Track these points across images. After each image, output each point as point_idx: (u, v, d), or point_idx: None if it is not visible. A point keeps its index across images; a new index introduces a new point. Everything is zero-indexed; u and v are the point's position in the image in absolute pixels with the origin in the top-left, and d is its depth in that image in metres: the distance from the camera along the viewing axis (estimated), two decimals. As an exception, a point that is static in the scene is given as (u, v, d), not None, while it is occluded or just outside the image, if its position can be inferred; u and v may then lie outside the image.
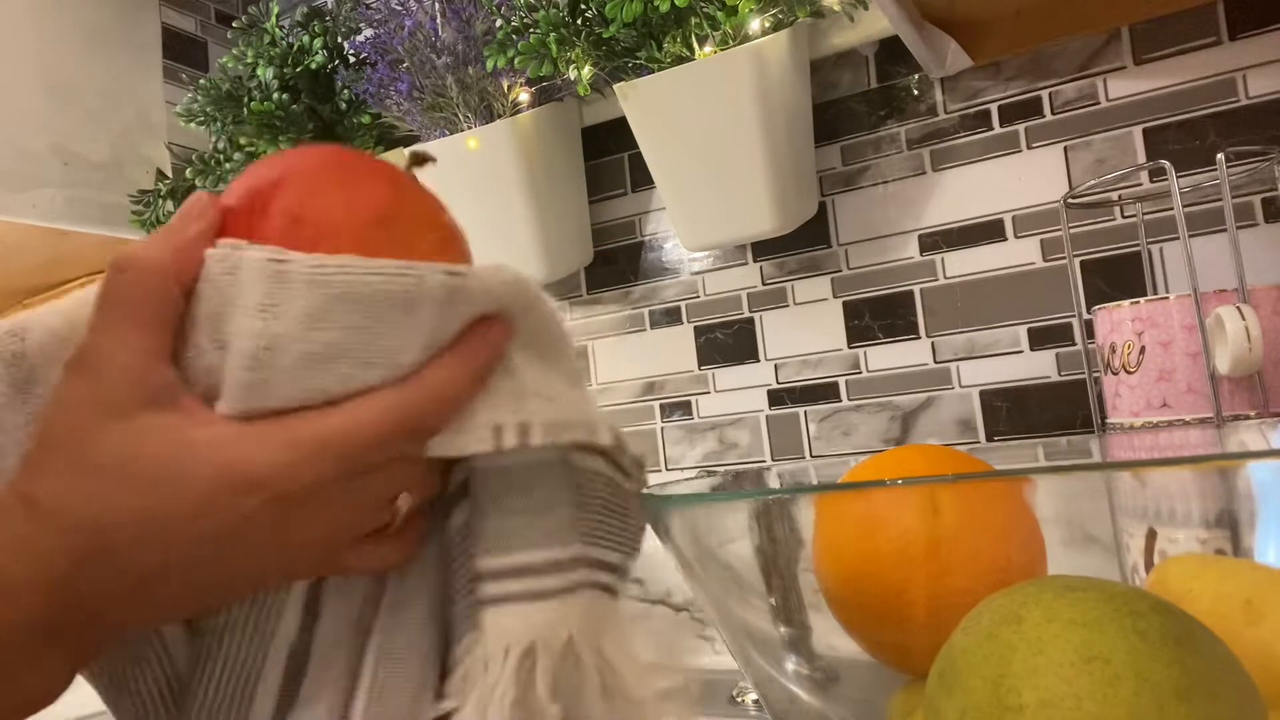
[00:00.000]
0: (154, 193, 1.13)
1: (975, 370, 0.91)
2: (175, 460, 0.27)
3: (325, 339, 0.28)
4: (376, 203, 0.31)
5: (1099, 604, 0.26)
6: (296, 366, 0.28)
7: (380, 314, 0.29)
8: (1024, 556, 0.33)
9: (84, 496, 0.26)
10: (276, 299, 0.28)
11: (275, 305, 0.28)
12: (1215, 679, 0.25)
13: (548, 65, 0.88)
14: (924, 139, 0.93)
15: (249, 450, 0.27)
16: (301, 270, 0.28)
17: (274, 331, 0.28)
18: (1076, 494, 0.32)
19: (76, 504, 0.26)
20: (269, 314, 0.28)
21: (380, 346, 0.29)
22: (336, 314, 0.28)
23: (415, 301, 0.29)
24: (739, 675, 0.94)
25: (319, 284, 0.28)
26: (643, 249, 1.08)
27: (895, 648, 0.35)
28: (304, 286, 0.28)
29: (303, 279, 0.28)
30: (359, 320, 0.28)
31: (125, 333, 0.28)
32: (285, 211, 0.30)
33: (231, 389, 0.28)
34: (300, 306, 0.28)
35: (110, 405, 0.27)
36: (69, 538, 0.26)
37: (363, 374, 0.29)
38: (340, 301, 0.28)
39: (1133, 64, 0.85)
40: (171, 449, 0.27)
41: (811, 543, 0.36)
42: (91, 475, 0.27)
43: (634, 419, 1.09)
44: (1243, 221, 0.80)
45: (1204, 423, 0.65)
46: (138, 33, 1.22)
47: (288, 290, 0.28)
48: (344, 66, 1.05)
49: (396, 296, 0.29)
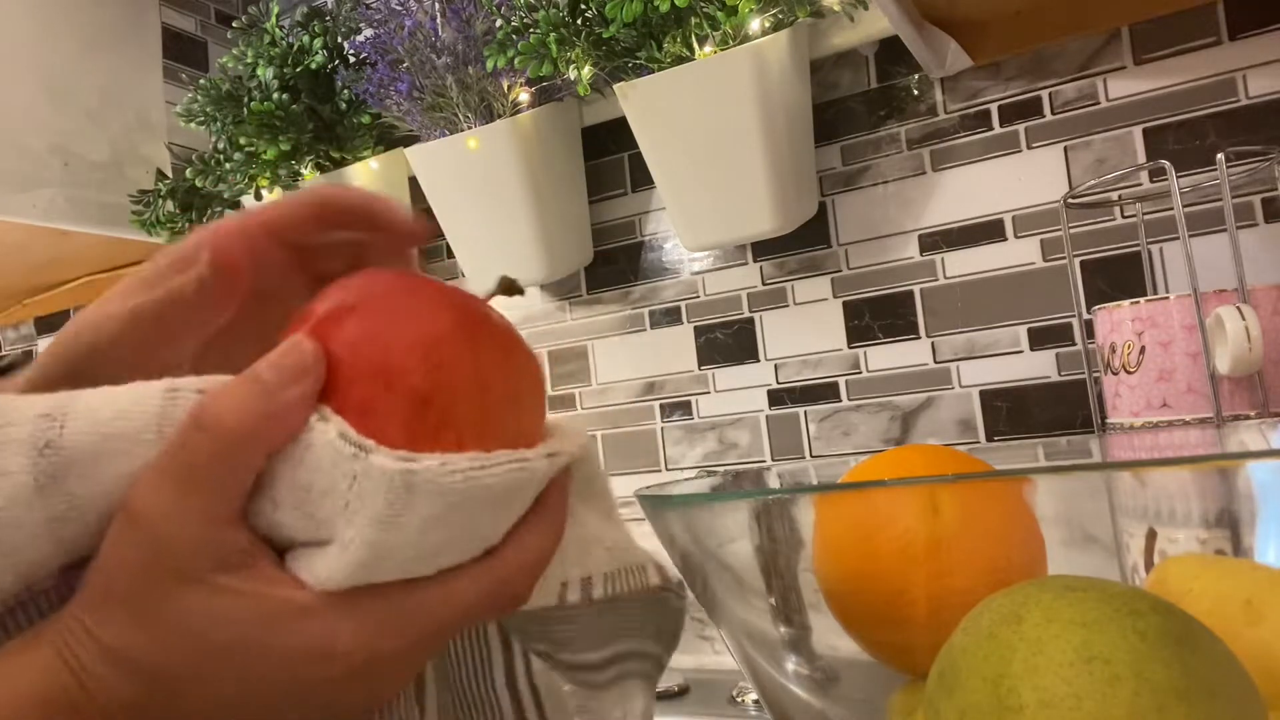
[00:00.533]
0: (154, 193, 1.13)
1: (975, 370, 0.91)
2: (256, 629, 0.26)
3: (435, 540, 0.27)
4: (503, 377, 0.29)
5: (1099, 604, 0.26)
6: (403, 564, 0.27)
7: (491, 510, 0.28)
8: (1024, 556, 0.33)
9: (153, 644, 0.26)
10: (399, 510, 0.26)
11: (398, 517, 0.26)
12: (1215, 679, 0.25)
13: (548, 65, 0.88)
14: (924, 139, 0.94)
15: (336, 624, 0.26)
16: (429, 479, 0.26)
17: (391, 543, 0.26)
18: (1076, 494, 0.32)
19: (145, 650, 0.26)
20: (390, 526, 0.26)
21: (483, 535, 0.28)
22: (452, 518, 0.27)
23: (524, 489, 0.28)
24: (739, 675, 0.94)
25: (443, 492, 0.26)
26: (643, 249, 1.08)
27: (895, 648, 0.35)
28: (427, 496, 0.26)
29: (429, 489, 0.26)
30: (469, 520, 0.27)
31: (194, 498, 0.25)
32: (413, 393, 0.27)
33: (328, 575, 0.26)
34: (421, 515, 0.26)
35: (177, 570, 0.25)
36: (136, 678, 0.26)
37: (459, 557, 0.28)
38: (457, 507, 0.27)
39: (1133, 64, 0.85)
40: (252, 617, 0.26)
41: (811, 543, 0.36)
42: (163, 629, 0.25)
43: (634, 419, 1.09)
44: (1243, 221, 0.80)
45: (1204, 423, 0.65)
46: (138, 33, 1.22)
47: (411, 499, 0.26)
48: (344, 66, 1.05)
49: (511, 491, 0.28)
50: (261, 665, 0.26)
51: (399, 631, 0.27)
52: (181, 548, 0.25)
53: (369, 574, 0.26)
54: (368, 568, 0.26)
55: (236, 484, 0.26)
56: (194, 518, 0.25)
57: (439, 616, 0.27)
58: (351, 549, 0.26)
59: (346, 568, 0.26)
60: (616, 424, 1.10)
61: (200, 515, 0.25)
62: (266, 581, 0.26)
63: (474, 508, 0.27)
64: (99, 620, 0.26)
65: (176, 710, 0.26)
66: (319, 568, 0.27)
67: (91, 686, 0.25)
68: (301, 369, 0.26)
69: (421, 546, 0.27)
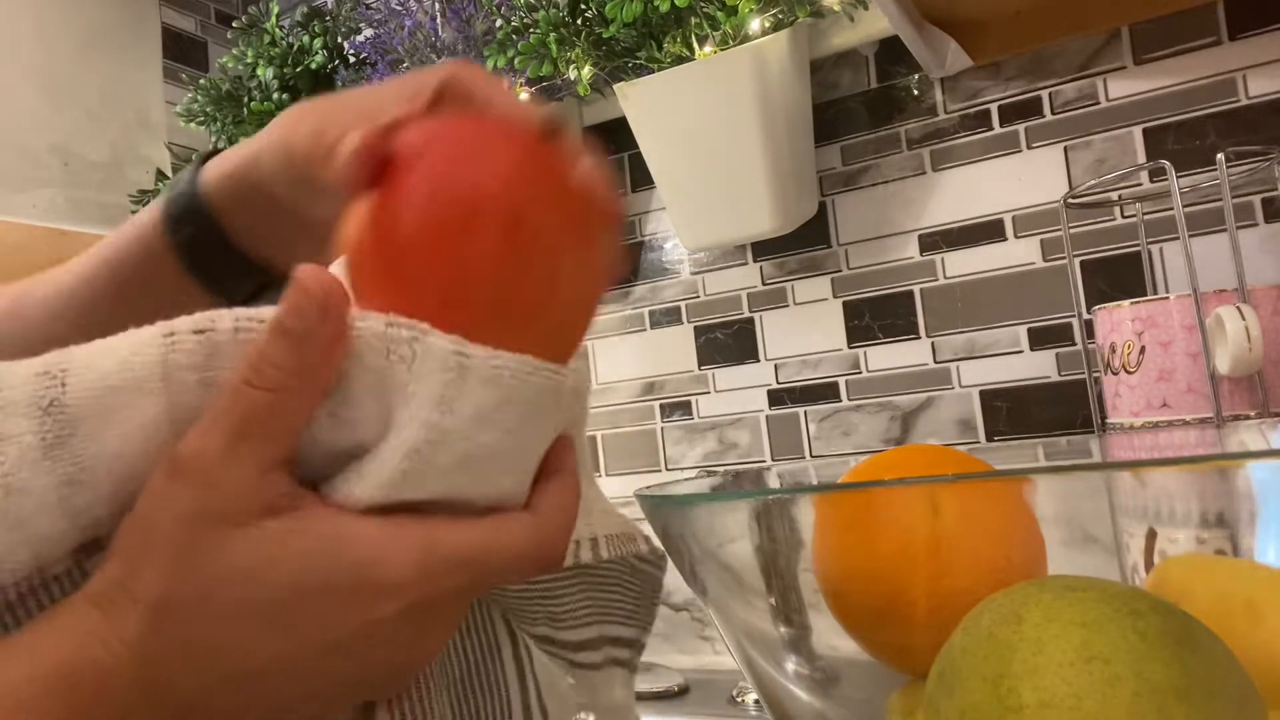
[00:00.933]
0: (154, 193, 1.13)
1: (975, 370, 0.91)
2: (313, 564, 0.25)
3: (486, 440, 0.26)
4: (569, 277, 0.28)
5: (1099, 604, 0.26)
6: (452, 465, 0.26)
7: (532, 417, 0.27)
8: (1024, 556, 0.33)
9: (198, 594, 0.25)
10: (454, 393, 0.26)
11: (453, 400, 0.26)
12: (1215, 679, 0.25)
13: (548, 65, 0.88)
14: (924, 139, 0.94)
15: (390, 552, 0.26)
16: (482, 367, 0.26)
17: (446, 427, 0.26)
18: (1076, 494, 0.32)
19: (186, 600, 0.25)
20: (446, 408, 0.26)
21: (523, 452, 0.28)
22: (501, 415, 0.26)
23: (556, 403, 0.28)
24: (739, 675, 0.94)
25: (493, 383, 0.26)
26: (643, 249, 1.08)
27: (895, 648, 0.35)
28: (480, 385, 0.26)
29: (481, 377, 0.26)
30: (515, 424, 0.27)
31: (247, 445, 0.25)
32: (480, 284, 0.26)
33: (377, 476, 0.26)
34: (474, 404, 0.26)
35: (225, 515, 0.25)
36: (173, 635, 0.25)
37: (499, 480, 0.28)
38: (506, 403, 0.26)
39: (1133, 64, 0.85)
40: (308, 552, 0.25)
41: (811, 543, 0.36)
42: (207, 575, 0.25)
43: (634, 419, 1.09)
44: (1243, 221, 0.80)
45: (1204, 423, 0.65)
46: (138, 33, 1.22)
47: (464, 384, 0.26)
48: (344, 66, 1.05)
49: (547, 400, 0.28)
50: (314, 609, 0.25)
51: (453, 567, 0.26)
52: (232, 492, 0.25)
53: (420, 470, 0.26)
54: (420, 459, 0.26)
55: (290, 431, 0.26)
56: (247, 462, 0.25)
57: (490, 561, 0.27)
58: (407, 431, 0.26)
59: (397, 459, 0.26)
60: (616, 424, 1.10)
61: (253, 460, 0.25)
62: (314, 516, 0.26)
63: (517, 411, 0.27)
64: (137, 574, 0.25)
65: (216, 671, 0.25)
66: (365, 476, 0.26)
67: (124, 653, 0.25)
68: (321, 308, 0.26)
69: (470, 446, 0.26)
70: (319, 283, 0.26)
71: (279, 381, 0.25)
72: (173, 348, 0.26)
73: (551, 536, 0.28)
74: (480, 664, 0.37)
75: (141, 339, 0.26)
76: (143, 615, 0.25)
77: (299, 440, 0.26)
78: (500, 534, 0.27)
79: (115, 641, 0.25)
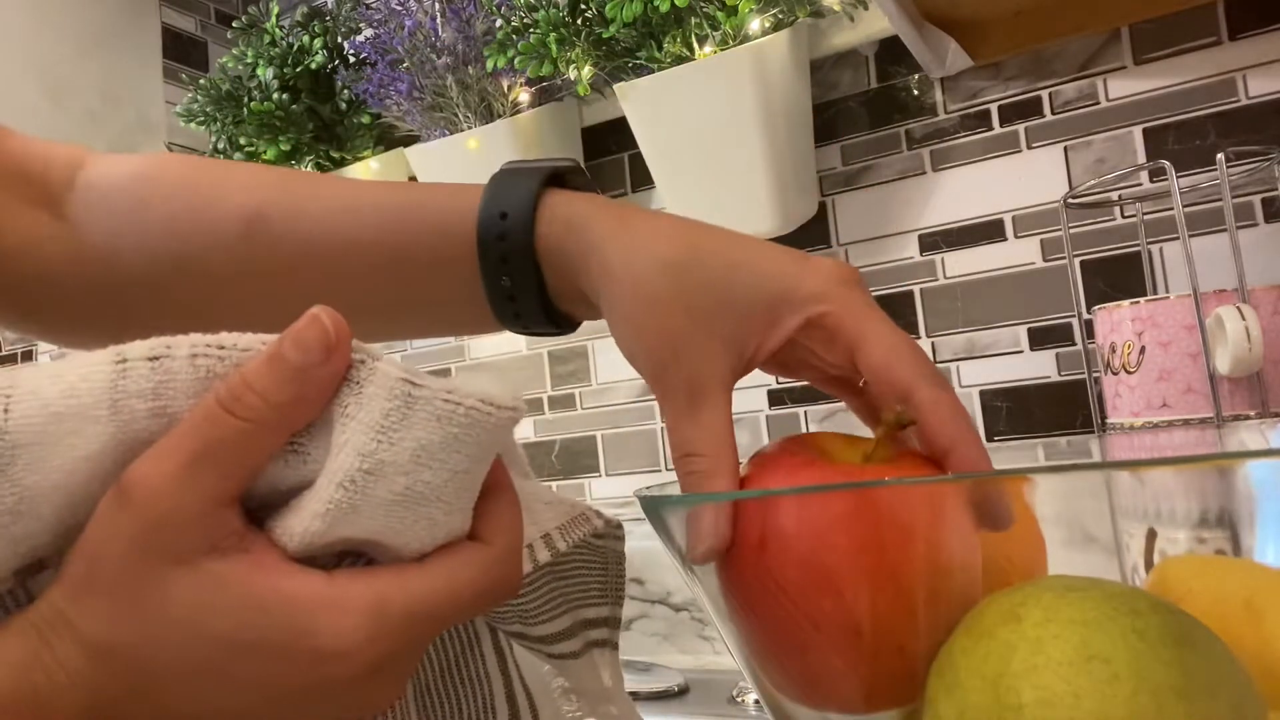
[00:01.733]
0: (154, 193, 1.13)
1: (975, 370, 0.91)
2: (250, 620, 0.24)
3: (430, 478, 0.25)
4: None
5: (1099, 604, 0.26)
6: (392, 501, 0.25)
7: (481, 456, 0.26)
8: (1024, 556, 0.32)
9: (137, 637, 0.24)
10: (394, 424, 0.24)
11: (393, 430, 0.24)
12: (1215, 679, 0.25)
13: (548, 65, 0.88)
14: (924, 139, 0.94)
15: (333, 619, 0.24)
16: (432, 401, 0.25)
17: (383, 458, 0.24)
18: (1076, 494, 0.32)
19: (129, 644, 0.24)
20: (385, 438, 0.24)
21: (469, 491, 0.27)
22: (449, 454, 0.25)
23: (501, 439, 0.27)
24: (739, 675, 0.94)
25: (445, 420, 0.25)
26: (643, 249, 1.08)
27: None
28: (428, 420, 0.25)
29: (431, 412, 0.25)
30: (464, 464, 0.26)
31: (203, 476, 0.24)
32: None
33: (311, 507, 0.25)
34: (417, 438, 0.25)
35: (169, 550, 0.24)
36: (118, 675, 0.24)
37: (445, 519, 0.26)
38: (456, 443, 0.25)
39: (1133, 64, 0.85)
40: (243, 606, 0.24)
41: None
42: (149, 619, 0.24)
43: (634, 419, 1.09)
44: (1243, 221, 0.80)
45: (1204, 423, 0.65)
46: (138, 33, 1.22)
47: (410, 418, 0.24)
48: (344, 66, 1.05)
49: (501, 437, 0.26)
50: (250, 666, 0.24)
51: (408, 625, 0.25)
52: (176, 525, 0.24)
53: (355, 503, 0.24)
54: (355, 491, 0.24)
55: (251, 466, 0.24)
56: (196, 494, 0.24)
57: (448, 610, 0.26)
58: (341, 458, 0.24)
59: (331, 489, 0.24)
60: (616, 424, 1.09)
61: (204, 493, 0.24)
62: (258, 566, 0.24)
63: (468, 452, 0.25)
64: (80, 609, 0.24)
65: (169, 713, 0.24)
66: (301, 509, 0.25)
67: (65, 683, 0.24)
68: (327, 345, 0.24)
69: (410, 482, 0.25)
70: (334, 321, 0.25)
71: (259, 414, 0.24)
72: (123, 374, 0.24)
73: (506, 564, 0.27)
74: (460, 656, 0.36)
75: (91, 363, 0.25)
76: (85, 651, 0.24)
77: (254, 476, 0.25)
78: (455, 578, 0.26)
79: (58, 670, 0.24)
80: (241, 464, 0.24)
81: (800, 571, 0.30)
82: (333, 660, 0.24)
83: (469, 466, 0.26)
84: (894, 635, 0.30)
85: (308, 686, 0.25)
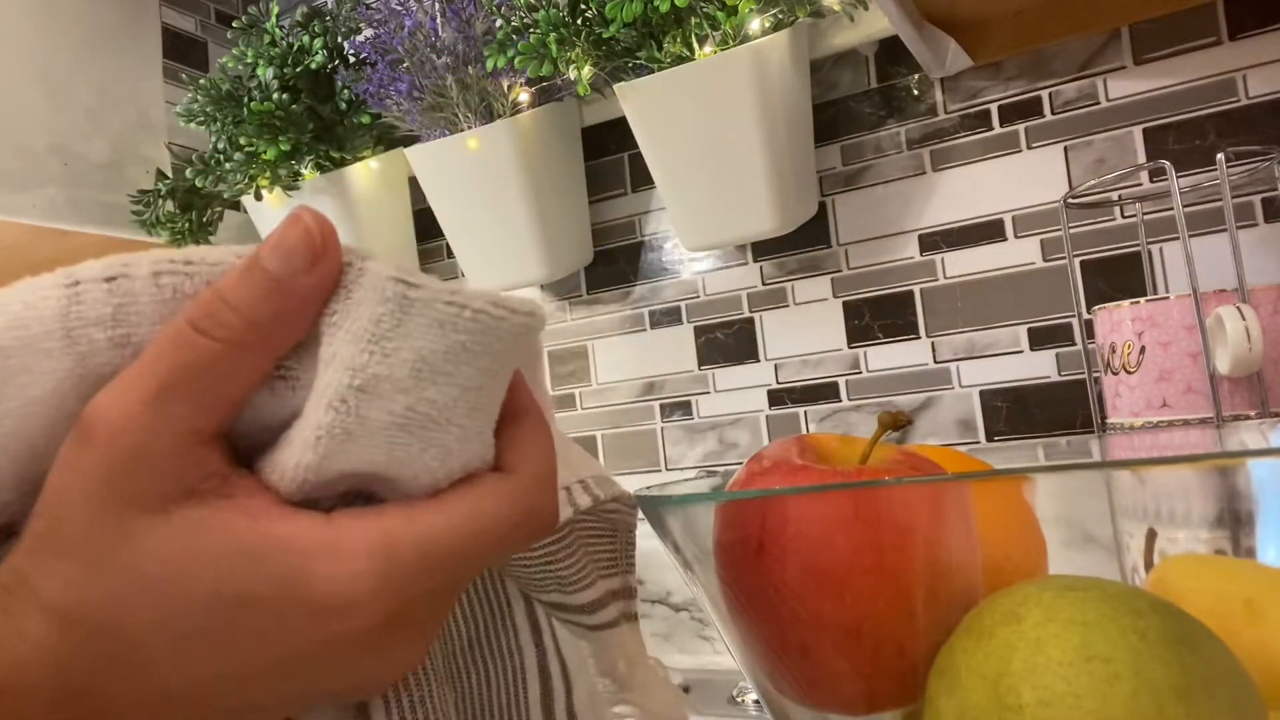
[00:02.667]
0: (154, 193, 1.13)
1: (975, 370, 0.91)
2: (236, 572, 0.20)
3: (428, 398, 0.21)
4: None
5: (1099, 604, 0.26)
6: (391, 425, 0.21)
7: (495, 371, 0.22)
8: (1024, 556, 0.33)
9: (107, 600, 0.20)
10: (387, 331, 0.21)
11: (387, 339, 0.21)
12: (1215, 679, 0.25)
13: (548, 65, 0.88)
14: (924, 139, 0.94)
15: (332, 566, 0.21)
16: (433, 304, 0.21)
17: (377, 373, 0.21)
18: (1076, 494, 0.32)
19: (97, 607, 0.20)
20: (377, 348, 0.21)
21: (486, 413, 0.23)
22: (455, 367, 0.21)
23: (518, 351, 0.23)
24: (739, 675, 0.94)
25: (446, 326, 0.21)
26: (643, 249, 1.08)
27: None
28: (428, 326, 0.21)
29: (431, 318, 0.21)
30: (475, 379, 0.22)
31: (174, 406, 0.20)
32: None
33: (301, 436, 0.21)
34: (416, 349, 0.21)
35: (138, 496, 0.20)
36: (89, 645, 0.20)
37: (459, 448, 0.22)
38: (463, 352, 0.21)
39: (1133, 64, 0.85)
40: (227, 556, 0.20)
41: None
42: (119, 578, 0.20)
43: (634, 419, 1.09)
44: (1243, 221, 0.80)
45: (1204, 423, 0.65)
46: (138, 33, 1.22)
47: (407, 324, 0.21)
48: (344, 66, 1.05)
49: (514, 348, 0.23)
50: (241, 625, 0.21)
51: (423, 569, 0.21)
52: (146, 466, 0.20)
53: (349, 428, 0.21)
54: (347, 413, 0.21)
55: (231, 396, 0.21)
56: (168, 430, 0.20)
57: (470, 548, 0.22)
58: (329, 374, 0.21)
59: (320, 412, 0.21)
60: (616, 424, 1.10)
61: (176, 427, 0.20)
62: (244, 511, 0.21)
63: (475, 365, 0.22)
64: (42, 570, 0.21)
65: (150, 687, 0.21)
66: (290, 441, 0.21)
67: (29, 658, 0.20)
68: (312, 250, 0.21)
69: (411, 402, 0.21)
70: (318, 221, 0.21)
71: (236, 333, 0.21)
72: (76, 299, 0.21)
73: (536, 494, 0.24)
74: (490, 626, 0.34)
75: (37, 289, 0.21)
76: (49, 618, 0.20)
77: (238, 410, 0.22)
78: (475, 512, 0.22)
79: (19, 642, 0.20)
80: (218, 393, 0.21)
81: (800, 572, 0.30)
82: (335, 614, 0.21)
83: (482, 382, 0.22)
84: (894, 636, 0.30)
85: (311, 647, 0.21)
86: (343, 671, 0.22)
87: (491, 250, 1.02)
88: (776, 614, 0.31)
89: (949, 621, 0.29)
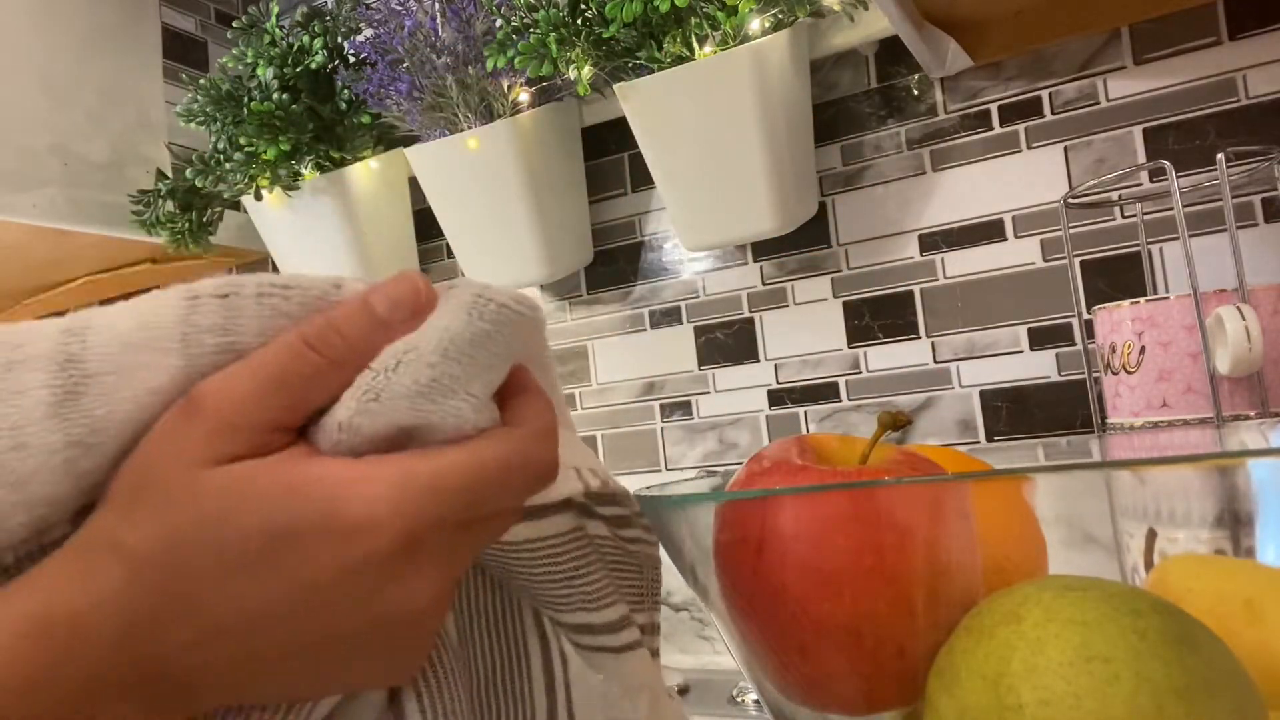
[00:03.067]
0: (154, 193, 1.13)
1: (975, 370, 0.91)
2: (276, 503, 0.24)
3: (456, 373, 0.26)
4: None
5: (1099, 604, 0.26)
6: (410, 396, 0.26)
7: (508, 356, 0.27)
8: (1024, 556, 0.33)
9: (174, 539, 0.24)
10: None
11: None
12: (1215, 678, 0.25)
13: (548, 65, 0.87)
14: (924, 139, 0.94)
15: (357, 489, 0.25)
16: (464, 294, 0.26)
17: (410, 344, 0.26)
18: (1076, 494, 0.32)
19: (166, 548, 0.24)
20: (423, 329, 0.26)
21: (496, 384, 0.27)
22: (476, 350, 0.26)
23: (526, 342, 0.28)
24: (739, 675, 0.94)
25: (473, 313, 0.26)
26: (643, 249, 1.08)
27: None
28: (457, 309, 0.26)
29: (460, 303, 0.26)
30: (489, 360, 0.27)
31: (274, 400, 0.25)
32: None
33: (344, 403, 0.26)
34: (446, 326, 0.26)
35: (211, 453, 0.24)
36: (155, 586, 0.24)
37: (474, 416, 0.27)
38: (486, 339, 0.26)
39: (1133, 64, 0.85)
40: (273, 492, 0.24)
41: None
42: (184, 515, 0.24)
43: (634, 419, 1.09)
44: (1243, 221, 0.80)
45: (1204, 423, 0.65)
46: (138, 33, 1.22)
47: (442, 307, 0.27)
48: (344, 66, 1.05)
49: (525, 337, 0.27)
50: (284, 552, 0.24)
51: (433, 496, 0.25)
52: (238, 437, 0.25)
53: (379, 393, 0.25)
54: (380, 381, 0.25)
55: (316, 402, 0.26)
56: (264, 417, 0.25)
57: (475, 481, 0.26)
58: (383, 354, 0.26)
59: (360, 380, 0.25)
60: (616, 424, 1.10)
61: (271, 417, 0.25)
62: (290, 458, 0.25)
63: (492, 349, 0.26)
64: (127, 521, 0.24)
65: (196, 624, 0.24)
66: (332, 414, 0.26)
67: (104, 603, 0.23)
68: (416, 306, 0.26)
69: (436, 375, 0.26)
70: (425, 286, 0.27)
71: (339, 353, 0.26)
72: (194, 308, 0.26)
73: (537, 446, 0.28)
74: (506, 668, 0.36)
75: (163, 300, 0.26)
76: (124, 562, 0.24)
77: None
78: (482, 452, 0.26)
79: (95, 590, 0.24)
80: (309, 399, 0.26)
81: (800, 573, 0.30)
82: (362, 533, 0.24)
83: (494, 364, 0.27)
84: (894, 636, 0.30)
85: (343, 571, 0.24)
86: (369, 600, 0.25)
87: (491, 250, 1.02)
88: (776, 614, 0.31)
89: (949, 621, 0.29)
